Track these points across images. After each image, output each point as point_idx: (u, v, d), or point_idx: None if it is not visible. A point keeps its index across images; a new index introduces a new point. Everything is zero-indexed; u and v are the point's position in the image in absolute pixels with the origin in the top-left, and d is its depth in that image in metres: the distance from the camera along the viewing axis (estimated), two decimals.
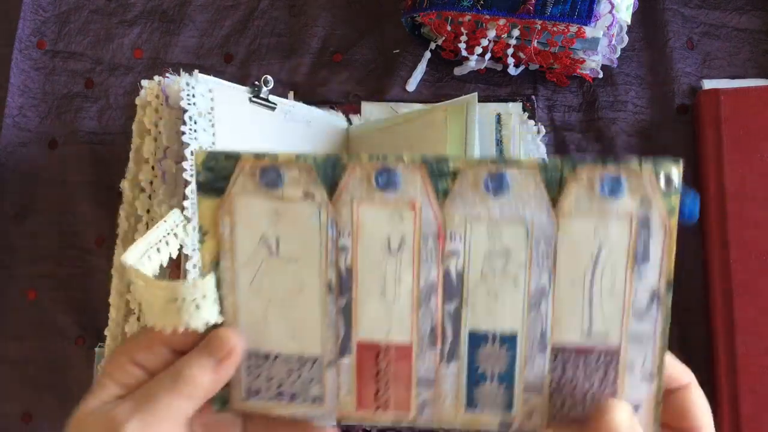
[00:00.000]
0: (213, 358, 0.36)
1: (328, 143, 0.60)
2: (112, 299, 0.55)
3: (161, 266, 0.41)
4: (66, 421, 0.35)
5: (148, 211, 0.53)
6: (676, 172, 0.36)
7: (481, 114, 0.57)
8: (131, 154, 0.56)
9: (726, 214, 0.56)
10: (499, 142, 0.59)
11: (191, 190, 0.49)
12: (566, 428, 0.38)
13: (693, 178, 0.59)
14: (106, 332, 0.55)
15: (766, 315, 0.55)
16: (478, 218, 0.37)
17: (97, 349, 0.60)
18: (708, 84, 0.61)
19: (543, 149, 0.61)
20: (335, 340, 0.38)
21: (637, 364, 0.37)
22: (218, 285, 0.38)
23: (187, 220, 0.44)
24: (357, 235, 0.37)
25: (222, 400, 0.38)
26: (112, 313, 0.55)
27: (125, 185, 0.55)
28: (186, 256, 0.49)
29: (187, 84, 0.50)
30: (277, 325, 0.38)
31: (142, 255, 0.40)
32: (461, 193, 0.37)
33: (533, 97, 0.62)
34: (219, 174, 0.37)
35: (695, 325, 0.58)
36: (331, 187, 0.37)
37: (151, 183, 0.54)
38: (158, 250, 0.41)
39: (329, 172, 0.37)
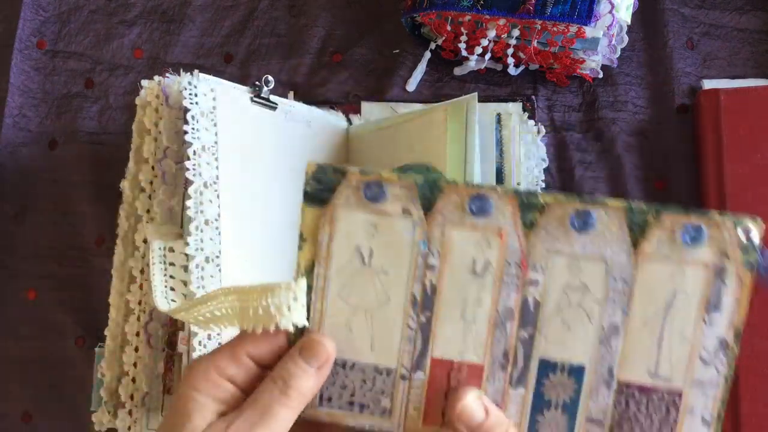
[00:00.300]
0: (314, 364, 0.37)
1: (328, 143, 0.60)
2: (112, 299, 0.55)
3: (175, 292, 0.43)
4: (66, 420, 0.35)
5: (148, 211, 0.54)
6: (755, 229, 0.37)
7: (481, 114, 0.57)
8: (131, 154, 0.56)
9: None
10: (499, 142, 0.59)
11: (194, 189, 0.49)
12: None
13: (693, 178, 0.60)
14: (106, 332, 0.55)
15: (765, 315, 0.55)
16: (561, 252, 0.38)
17: (97, 349, 0.60)
18: (708, 84, 0.61)
19: (543, 149, 0.61)
20: (411, 355, 0.39)
21: (697, 409, 0.38)
22: (308, 291, 0.39)
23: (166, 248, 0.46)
24: (445, 256, 0.39)
25: None
26: (112, 313, 0.55)
27: (125, 185, 0.55)
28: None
29: (189, 83, 0.50)
30: (359, 334, 0.40)
31: (165, 296, 0.42)
32: (547, 227, 0.38)
33: (533, 97, 0.62)
34: (325, 185, 0.39)
35: None
36: (427, 207, 0.39)
37: (151, 183, 0.54)
38: (171, 288, 0.43)
39: (427, 194, 0.39)
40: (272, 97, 0.55)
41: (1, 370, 0.62)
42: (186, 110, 0.50)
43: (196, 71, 0.52)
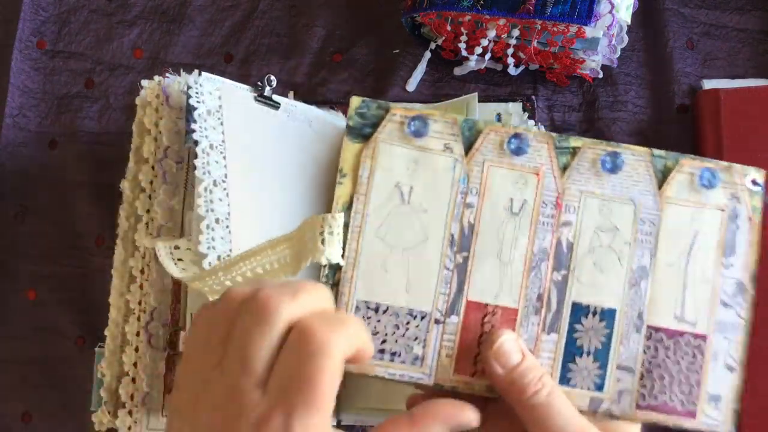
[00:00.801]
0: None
1: (329, 143, 0.60)
2: (112, 299, 0.55)
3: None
4: (66, 420, 0.35)
5: (148, 211, 0.53)
6: (760, 176, 0.40)
7: (481, 114, 0.57)
8: (131, 154, 0.56)
9: None
10: None
11: (204, 188, 0.49)
12: (652, 415, 0.39)
13: None
14: (106, 332, 0.55)
15: (765, 314, 0.55)
16: (592, 194, 0.40)
17: (97, 349, 0.60)
18: (708, 84, 0.61)
19: None
20: (446, 297, 0.39)
21: (720, 354, 0.39)
22: (345, 229, 0.39)
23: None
24: (484, 195, 0.40)
25: None
26: (112, 313, 0.55)
27: (125, 185, 0.55)
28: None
29: (195, 82, 0.50)
30: (395, 275, 0.39)
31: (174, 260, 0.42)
32: (579, 168, 0.40)
33: (533, 97, 0.62)
34: (369, 120, 0.40)
35: None
36: (467, 146, 0.40)
37: (151, 183, 0.54)
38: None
39: (467, 133, 0.40)
40: (275, 97, 0.55)
41: (1, 370, 0.62)
42: (193, 109, 0.50)
43: (199, 70, 0.52)
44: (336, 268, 0.38)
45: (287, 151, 0.56)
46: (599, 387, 0.39)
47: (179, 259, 0.48)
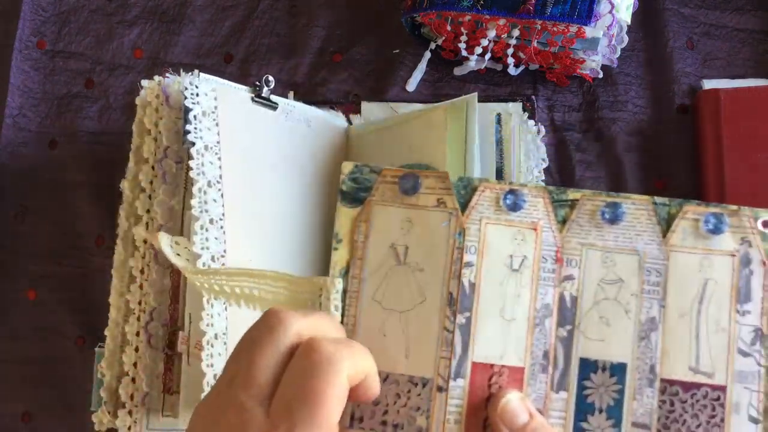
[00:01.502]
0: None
1: (328, 143, 0.60)
2: (112, 299, 0.55)
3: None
4: (66, 420, 0.35)
5: (148, 211, 0.54)
6: None
7: (481, 114, 0.57)
8: (131, 154, 0.56)
9: None
10: (499, 142, 0.59)
11: (198, 188, 0.49)
12: None
13: (693, 178, 0.60)
14: (106, 332, 0.55)
15: None
16: (594, 246, 0.39)
17: (97, 349, 0.60)
18: (708, 84, 0.61)
19: (543, 149, 0.61)
20: (449, 361, 0.38)
21: (743, 405, 0.38)
22: (343, 296, 0.39)
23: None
24: (483, 251, 0.39)
25: None
26: (112, 313, 0.55)
27: (125, 185, 0.55)
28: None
29: (191, 83, 0.50)
30: (393, 340, 0.39)
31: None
32: (579, 221, 0.39)
33: (533, 97, 0.62)
34: (362, 185, 0.40)
35: None
36: (462, 205, 0.39)
37: (151, 183, 0.54)
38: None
39: (461, 191, 0.39)
40: (273, 97, 0.55)
41: (1, 370, 0.62)
42: (188, 110, 0.50)
43: (196, 71, 0.52)
44: None
45: (285, 151, 0.56)
46: None
47: (177, 255, 0.48)
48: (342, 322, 0.38)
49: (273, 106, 0.55)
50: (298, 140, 0.57)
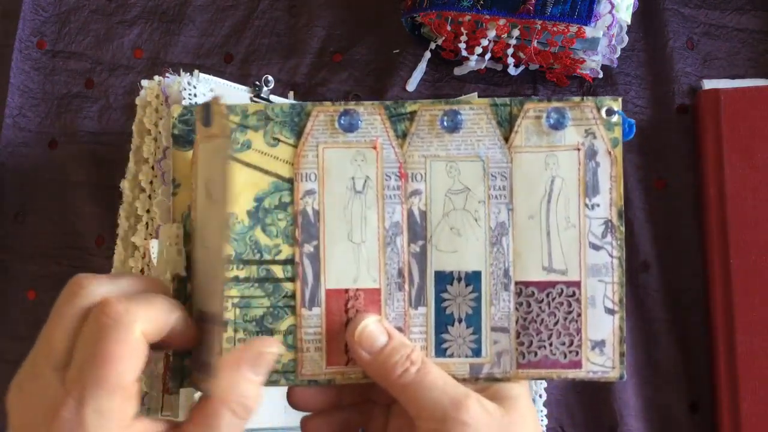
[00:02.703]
0: (262, 374, 0.35)
1: None
2: None
3: None
4: None
5: (148, 211, 0.54)
6: (615, 105, 0.38)
7: None
8: (131, 154, 0.56)
9: (726, 214, 0.56)
10: None
11: None
12: (535, 372, 0.38)
13: (693, 178, 0.60)
14: None
15: (766, 314, 0.55)
16: (437, 156, 0.38)
17: None
18: (708, 84, 0.61)
19: None
20: (303, 292, 0.38)
21: (598, 298, 0.38)
22: (186, 239, 0.38)
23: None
24: (323, 178, 0.38)
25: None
26: None
27: (125, 185, 0.55)
28: None
29: (189, 83, 0.50)
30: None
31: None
32: (419, 133, 0.38)
33: (533, 97, 0.62)
34: (192, 126, 0.38)
35: (695, 325, 0.58)
36: (298, 133, 0.38)
37: (151, 183, 0.54)
38: None
39: (295, 120, 0.38)
40: (272, 97, 0.55)
41: (1, 370, 0.62)
42: None
43: (195, 71, 0.52)
44: (184, 281, 0.37)
45: None
46: (477, 352, 0.38)
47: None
48: (188, 267, 0.37)
49: None
50: None
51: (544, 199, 0.38)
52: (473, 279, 0.38)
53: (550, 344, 0.38)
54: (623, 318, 0.38)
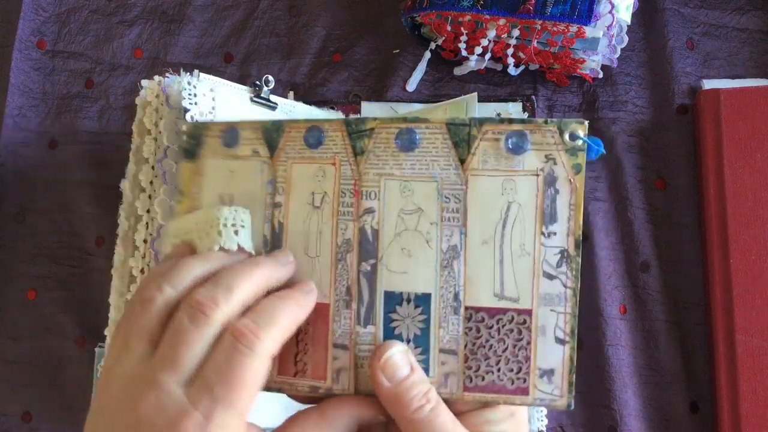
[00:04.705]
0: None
1: None
2: (112, 299, 0.55)
3: None
4: (66, 420, 0.36)
5: (148, 211, 0.53)
6: (581, 130, 0.37)
7: (481, 114, 0.57)
8: (131, 154, 0.56)
9: (726, 214, 0.56)
10: None
11: None
12: (481, 396, 0.38)
13: (693, 178, 0.60)
14: (106, 332, 0.55)
15: (766, 314, 0.55)
16: (391, 175, 0.38)
17: (97, 349, 0.60)
18: (708, 84, 0.61)
19: None
20: None
21: (549, 327, 0.37)
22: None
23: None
24: (289, 192, 0.39)
25: None
26: (112, 313, 0.55)
27: (125, 185, 0.55)
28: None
29: (189, 83, 0.50)
30: None
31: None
32: (375, 151, 0.38)
33: (533, 97, 0.62)
34: (196, 140, 0.41)
35: (695, 325, 0.58)
36: (273, 148, 0.40)
37: (151, 183, 0.54)
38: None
39: (273, 134, 0.40)
40: (272, 97, 0.55)
41: (1, 370, 0.62)
42: (185, 110, 0.50)
43: (196, 71, 0.52)
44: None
45: None
46: (425, 372, 0.38)
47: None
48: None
49: (272, 106, 0.55)
50: None
51: (499, 224, 0.37)
52: (422, 301, 0.38)
53: (498, 370, 0.37)
54: (574, 348, 0.37)
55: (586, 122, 0.37)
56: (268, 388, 0.39)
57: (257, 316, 0.35)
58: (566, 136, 0.37)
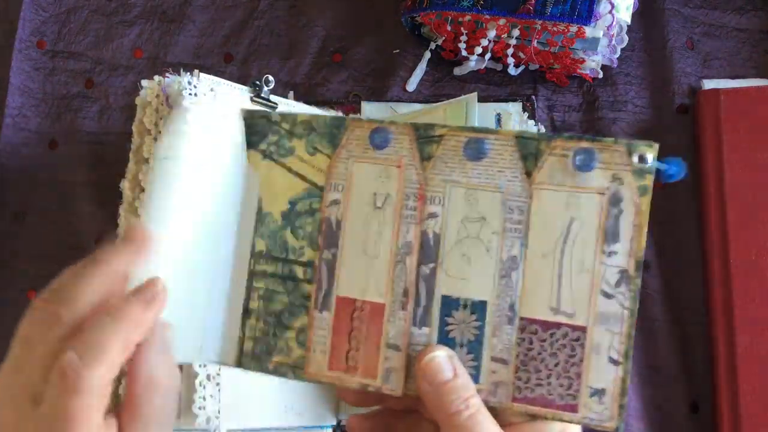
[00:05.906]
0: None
1: None
2: None
3: None
4: None
5: None
6: (650, 153, 0.36)
7: (481, 114, 0.57)
8: (131, 154, 0.55)
9: (726, 214, 0.56)
10: None
11: None
12: (530, 408, 0.38)
13: (693, 178, 0.60)
14: None
15: (766, 315, 0.55)
16: (457, 183, 0.38)
17: None
18: (708, 84, 0.61)
19: None
20: (317, 293, 0.40)
21: (603, 347, 0.37)
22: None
23: None
24: (349, 190, 0.40)
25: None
26: None
27: (125, 185, 0.55)
28: None
29: (189, 83, 0.50)
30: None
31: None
32: (443, 158, 0.39)
33: (533, 97, 0.62)
34: (262, 132, 0.43)
35: (695, 325, 0.58)
36: (334, 144, 0.40)
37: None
38: None
39: (334, 131, 0.40)
40: (272, 97, 0.55)
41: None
42: (186, 110, 0.50)
43: (196, 71, 0.51)
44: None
45: None
46: (475, 378, 0.38)
47: None
48: None
49: (272, 106, 0.55)
50: None
51: (560, 239, 0.37)
52: (478, 308, 0.38)
53: (549, 384, 0.37)
54: (627, 371, 0.37)
55: (656, 145, 0.36)
56: (319, 380, 0.39)
57: (84, 347, 0.35)
58: (635, 158, 0.36)
